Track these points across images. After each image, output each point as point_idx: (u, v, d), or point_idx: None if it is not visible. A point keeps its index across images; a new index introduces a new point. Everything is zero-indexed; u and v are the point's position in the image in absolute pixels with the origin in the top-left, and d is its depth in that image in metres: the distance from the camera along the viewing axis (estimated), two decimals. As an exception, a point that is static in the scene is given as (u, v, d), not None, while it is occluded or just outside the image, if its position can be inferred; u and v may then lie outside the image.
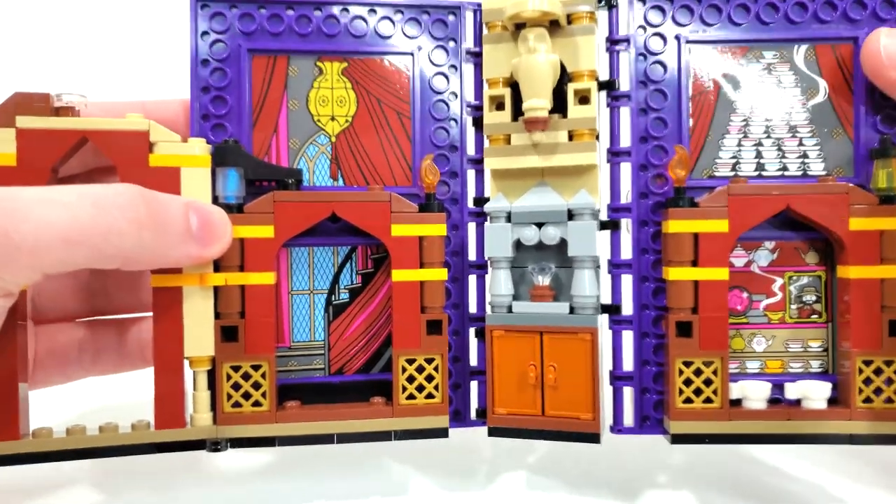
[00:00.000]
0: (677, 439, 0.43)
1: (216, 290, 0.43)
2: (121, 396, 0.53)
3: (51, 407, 0.44)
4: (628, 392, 0.46)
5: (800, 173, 0.45)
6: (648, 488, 0.46)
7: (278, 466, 0.49)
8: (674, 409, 0.43)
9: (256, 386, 0.43)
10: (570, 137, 0.44)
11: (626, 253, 0.46)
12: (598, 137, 0.44)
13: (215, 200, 0.43)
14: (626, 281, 0.46)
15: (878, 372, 0.42)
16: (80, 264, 0.36)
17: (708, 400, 0.43)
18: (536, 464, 0.50)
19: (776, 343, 0.46)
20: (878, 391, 0.42)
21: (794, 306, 0.46)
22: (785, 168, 0.45)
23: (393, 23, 0.46)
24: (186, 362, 0.42)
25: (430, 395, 0.45)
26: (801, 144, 0.45)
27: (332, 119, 0.46)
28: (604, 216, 0.46)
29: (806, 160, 0.45)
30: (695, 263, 0.43)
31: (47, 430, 0.41)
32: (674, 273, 0.43)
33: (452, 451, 0.50)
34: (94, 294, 0.48)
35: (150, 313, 0.42)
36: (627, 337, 0.46)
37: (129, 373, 0.48)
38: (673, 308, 0.43)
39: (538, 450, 0.52)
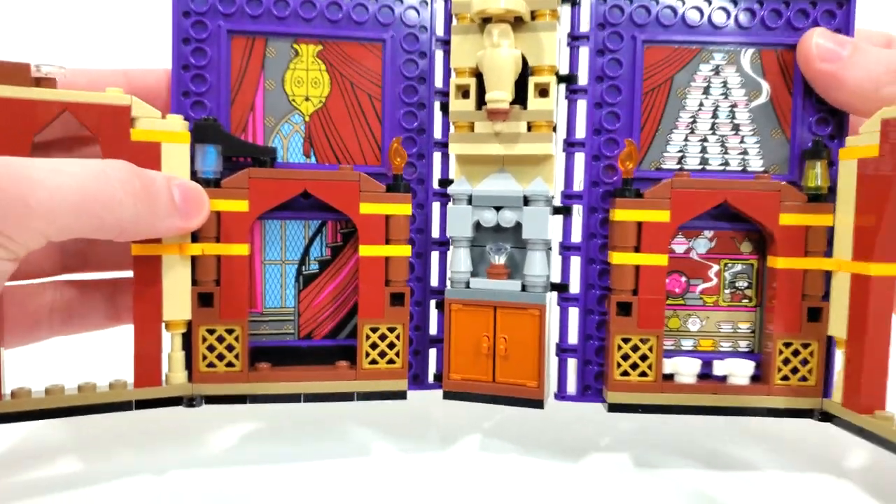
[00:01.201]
0: (613, 408, 0.47)
1: (194, 259, 0.46)
2: (88, 361, 0.57)
3: (20, 370, 0.46)
4: (572, 363, 0.50)
5: (740, 169, 0.49)
6: (591, 451, 0.50)
7: (248, 430, 0.53)
8: (612, 381, 0.47)
9: (230, 348, 0.47)
10: (530, 128, 0.47)
11: (577, 237, 0.50)
12: (555, 129, 0.48)
13: (193, 175, 0.45)
14: (575, 262, 0.50)
15: (795, 353, 0.47)
16: (84, 233, 0.39)
17: (643, 374, 0.47)
18: (490, 428, 0.54)
19: (709, 324, 0.50)
20: (794, 370, 0.47)
21: (727, 291, 0.50)
22: (727, 163, 0.49)
23: (367, 9, 0.49)
24: (164, 325, 0.46)
25: (391, 361, 0.48)
26: (742, 142, 0.49)
27: (307, 99, 0.49)
28: (557, 202, 0.49)
29: (746, 157, 0.49)
30: (637, 249, 0.47)
31: (26, 389, 0.44)
32: (617, 257, 0.47)
33: (412, 416, 0.54)
34: (66, 253, 0.50)
35: (119, 273, 0.45)
36: (573, 313, 0.50)
37: (95, 335, 0.51)
38: (615, 289, 0.47)
39: (492, 416, 0.56)
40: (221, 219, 0.46)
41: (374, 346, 0.48)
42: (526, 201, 0.47)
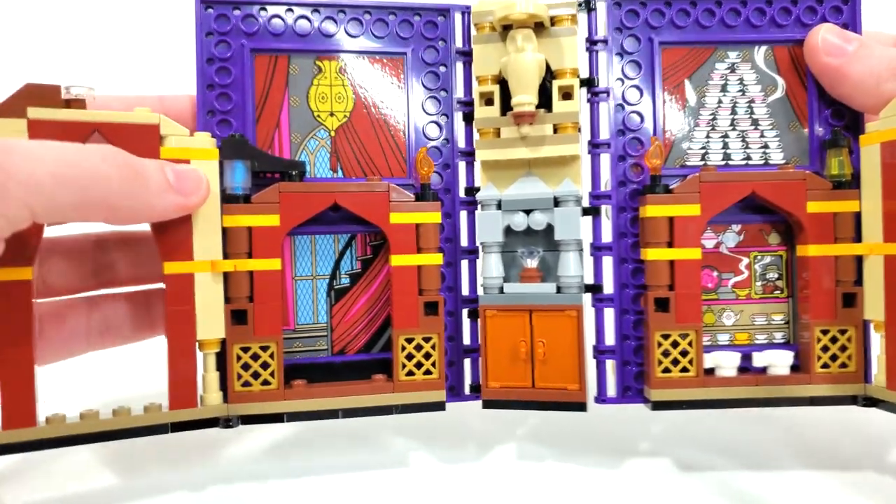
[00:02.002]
0: (658, 406, 0.46)
1: (226, 276, 0.45)
2: (118, 386, 0.56)
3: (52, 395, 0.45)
4: (610, 365, 0.50)
5: (762, 162, 0.50)
6: (632, 455, 0.50)
7: (286, 444, 0.52)
8: (654, 379, 0.47)
9: (265, 366, 0.46)
10: (555, 130, 0.47)
11: (607, 237, 0.50)
12: (580, 130, 0.48)
13: (223, 192, 0.45)
14: (607, 263, 0.50)
15: (833, 340, 0.47)
16: (68, 210, 0.37)
17: (684, 370, 0.47)
18: (526, 435, 0.53)
19: (744, 317, 0.50)
20: (833, 357, 0.47)
21: (758, 283, 0.50)
22: (749, 158, 0.50)
23: (387, 24, 0.49)
24: (197, 345, 0.45)
25: (427, 372, 0.48)
26: (762, 136, 0.50)
27: (331, 114, 0.49)
28: (585, 203, 0.49)
29: (767, 150, 0.50)
30: (670, 245, 0.47)
31: (60, 416, 0.42)
32: (651, 254, 0.47)
33: (449, 425, 0.53)
34: (99, 266, 0.49)
35: (155, 285, 0.45)
36: (609, 314, 0.50)
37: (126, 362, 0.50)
38: (651, 286, 0.47)
39: (527, 422, 0.55)
40: (253, 234, 0.46)
41: (409, 357, 0.47)
42: (556, 202, 0.48)
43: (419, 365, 0.48)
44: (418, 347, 0.48)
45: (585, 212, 0.49)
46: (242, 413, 0.45)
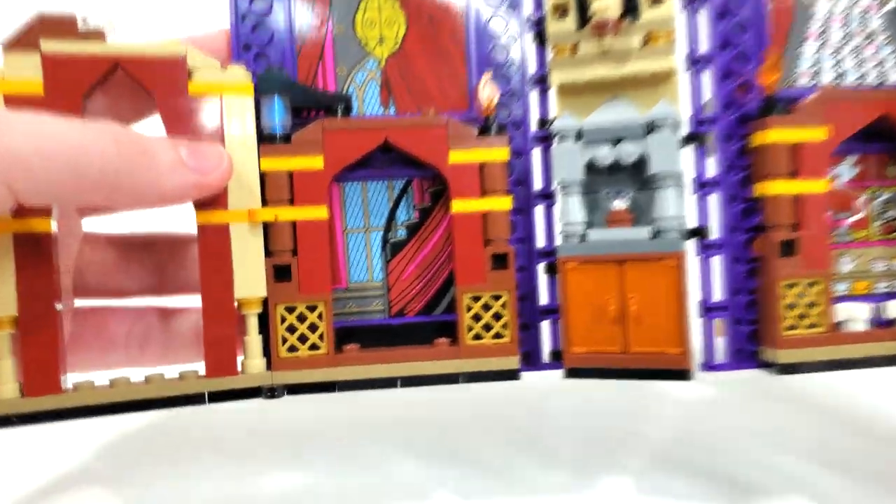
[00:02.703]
0: (786, 370, 0.38)
1: (266, 226, 0.40)
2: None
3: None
4: (717, 324, 0.41)
5: (878, 82, 0.40)
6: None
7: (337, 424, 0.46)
8: (778, 338, 0.38)
9: (313, 328, 0.40)
10: (645, 42, 0.39)
11: (711, 171, 0.41)
12: (675, 41, 0.40)
13: (260, 132, 0.40)
14: (712, 202, 0.41)
15: None
16: (59, 190, 0.33)
17: (813, 325, 0.38)
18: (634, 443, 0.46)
19: (861, 263, 0.41)
20: None
21: (876, 223, 0.41)
22: (863, 77, 0.41)
23: (442, -66, 0.43)
24: (236, 305, 0.39)
25: (498, 335, 0.41)
26: (877, 52, 0.40)
27: (381, 42, 0.43)
28: (684, 130, 0.41)
29: (882, 68, 0.40)
30: (794, 176, 0.38)
31: (88, 382, 0.38)
32: (772, 187, 0.38)
33: (526, 408, 0.46)
34: (145, 269, 0.45)
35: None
36: (716, 263, 0.41)
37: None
38: (772, 226, 0.39)
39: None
40: (294, 179, 0.40)
41: (476, 318, 0.41)
42: (650, 129, 0.40)
43: (488, 327, 0.41)
44: (486, 307, 0.41)
45: (685, 141, 0.41)
46: (288, 382, 0.40)
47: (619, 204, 0.41)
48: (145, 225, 0.45)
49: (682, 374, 0.39)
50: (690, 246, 0.41)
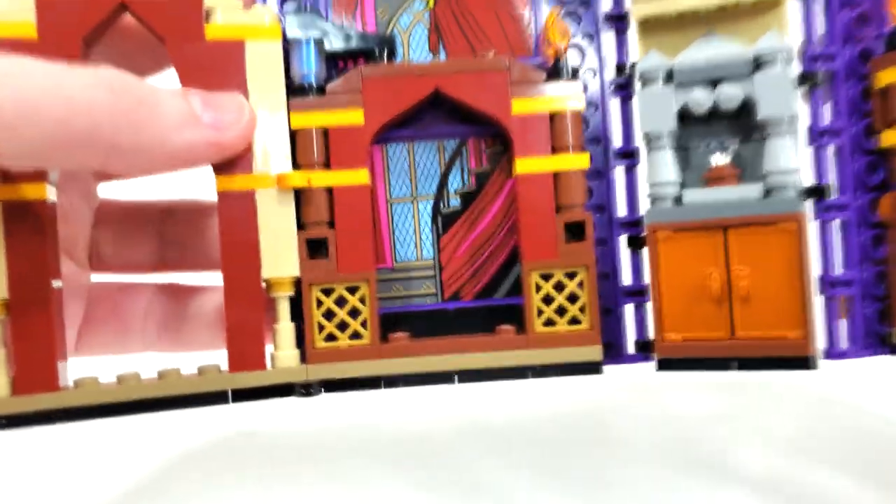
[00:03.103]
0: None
1: (297, 194, 0.34)
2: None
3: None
4: (842, 302, 0.34)
5: None
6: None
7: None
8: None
9: (354, 313, 0.34)
10: (748, -38, 0.33)
11: (829, 118, 0.34)
12: (785, -40, 0.33)
13: (290, 83, 0.34)
14: (832, 155, 0.34)
15: None
16: (46, 150, 0.27)
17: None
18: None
19: None
20: None
21: None
22: None
23: None
24: (264, 286, 0.33)
25: (574, 320, 0.34)
26: None
27: (429, -21, 0.37)
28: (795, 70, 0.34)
29: None
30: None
31: (91, 378, 0.33)
32: (910, 131, 0.31)
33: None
34: (165, 241, 0.40)
35: None
36: (837, 228, 0.34)
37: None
38: (909, 181, 0.32)
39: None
40: (330, 137, 0.34)
41: (547, 300, 0.34)
42: (756, 66, 0.33)
43: (561, 311, 0.34)
44: (559, 287, 0.34)
45: (797, 81, 0.34)
46: (325, 376, 0.34)
47: (721, 158, 0.34)
48: (167, 192, 0.39)
49: (802, 363, 0.32)
50: (808, 208, 0.34)
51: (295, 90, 0.34)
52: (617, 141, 0.37)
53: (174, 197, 0.39)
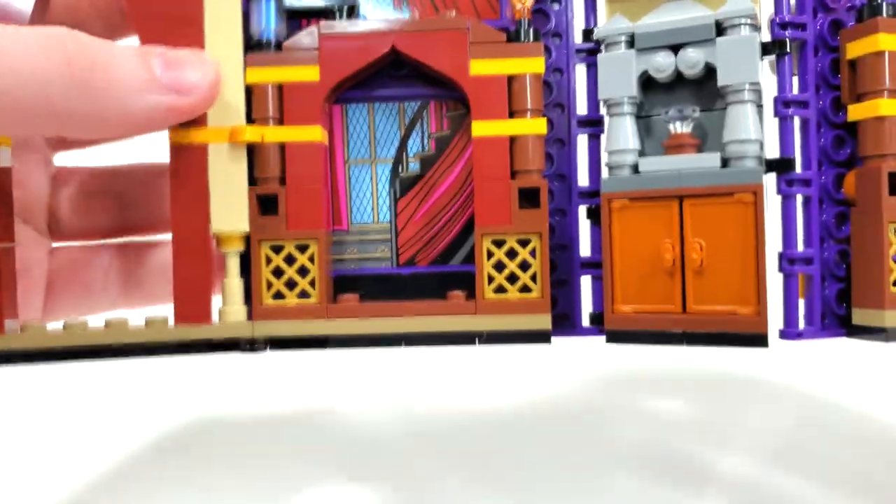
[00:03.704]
0: (894, 336, 0.29)
1: (250, 149, 0.33)
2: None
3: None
4: (801, 280, 0.33)
5: None
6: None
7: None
8: (886, 296, 0.30)
9: (303, 272, 0.34)
10: (716, -79, 0.32)
11: (797, 88, 0.33)
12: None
13: (247, 39, 0.34)
14: (798, 127, 0.33)
15: None
16: None
17: (933, 282, 0.30)
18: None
19: None
20: None
21: None
22: None
23: None
24: (213, 241, 0.33)
25: (525, 288, 0.34)
26: None
27: (394, -64, 0.36)
28: (764, 36, 0.33)
29: None
30: (903, 90, 0.30)
31: (39, 325, 0.33)
32: (872, 109, 0.30)
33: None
34: (124, 206, 0.39)
35: None
36: (801, 203, 0.33)
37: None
38: (874, 155, 0.30)
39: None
40: (284, 93, 0.34)
41: (499, 266, 0.34)
42: (720, 30, 0.31)
43: (513, 278, 0.34)
44: (511, 254, 0.34)
45: (765, 49, 0.32)
46: (272, 334, 0.34)
47: (681, 126, 0.33)
48: (124, 154, 0.39)
49: (754, 340, 0.31)
50: (770, 181, 0.33)
51: (252, 46, 0.34)
52: (582, 108, 0.36)
53: (131, 160, 0.39)
